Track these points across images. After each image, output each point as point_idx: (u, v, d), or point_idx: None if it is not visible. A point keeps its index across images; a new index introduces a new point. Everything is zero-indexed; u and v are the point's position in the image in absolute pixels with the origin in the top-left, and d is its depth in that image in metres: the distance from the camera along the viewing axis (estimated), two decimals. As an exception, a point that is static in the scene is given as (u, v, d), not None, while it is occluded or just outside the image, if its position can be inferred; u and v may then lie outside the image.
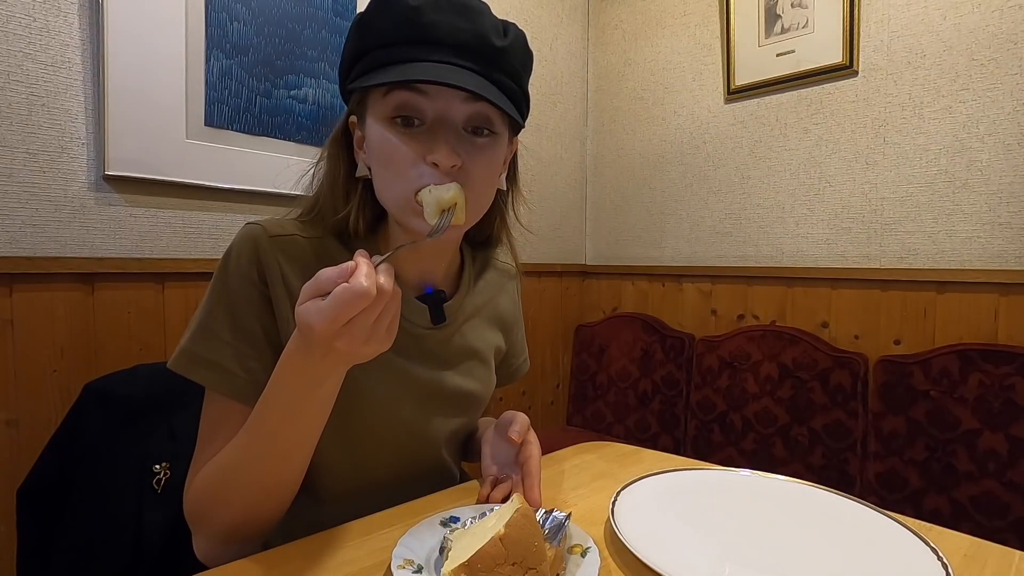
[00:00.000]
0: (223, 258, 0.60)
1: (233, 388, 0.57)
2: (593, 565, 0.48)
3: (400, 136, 0.56)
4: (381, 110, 0.57)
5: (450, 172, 0.55)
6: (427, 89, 0.55)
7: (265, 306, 0.59)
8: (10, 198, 1.05)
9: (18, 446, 1.06)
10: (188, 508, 0.58)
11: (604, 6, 2.24)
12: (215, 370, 0.56)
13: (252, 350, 0.58)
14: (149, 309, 1.20)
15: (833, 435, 1.54)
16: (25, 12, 1.05)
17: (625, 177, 2.18)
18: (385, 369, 0.63)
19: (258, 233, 0.60)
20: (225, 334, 0.57)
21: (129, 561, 0.70)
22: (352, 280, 0.43)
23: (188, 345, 0.57)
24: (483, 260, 0.78)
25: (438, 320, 0.67)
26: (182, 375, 0.57)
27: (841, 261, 1.64)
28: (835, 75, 1.64)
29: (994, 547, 0.54)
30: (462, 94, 0.55)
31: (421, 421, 0.68)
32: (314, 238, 0.63)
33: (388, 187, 0.58)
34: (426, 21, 0.54)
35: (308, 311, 0.44)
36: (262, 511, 0.56)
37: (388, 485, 0.67)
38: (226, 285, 0.58)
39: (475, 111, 0.57)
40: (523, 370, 0.87)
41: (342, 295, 0.43)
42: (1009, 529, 1.28)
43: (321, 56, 1.41)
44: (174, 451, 0.72)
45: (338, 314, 0.43)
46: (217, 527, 0.57)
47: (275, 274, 0.59)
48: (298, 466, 0.56)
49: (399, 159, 0.56)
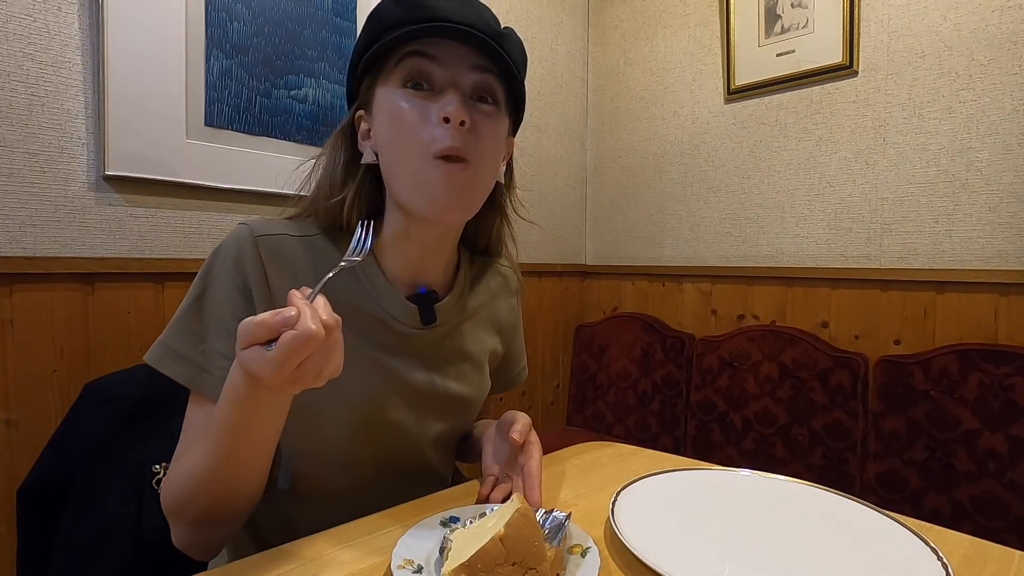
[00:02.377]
0: (209, 256, 0.61)
1: (202, 384, 0.58)
2: (593, 565, 0.48)
3: (410, 99, 0.58)
4: (393, 80, 0.59)
5: (459, 130, 0.56)
6: (438, 55, 0.57)
7: (245, 304, 0.59)
8: (10, 198, 1.05)
9: (18, 446, 1.06)
10: (164, 504, 0.60)
11: (604, 6, 2.24)
12: (185, 365, 0.58)
13: (225, 348, 0.58)
14: (149, 309, 1.20)
15: (833, 435, 1.54)
16: (25, 12, 1.05)
17: (625, 177, 2.18)
18: (369, 367, 0.64)
19: (245, 233, 0.61)
20: (199, 330, 0.58)
21: (129, 561, 0.70)
22: (299, 326, 0.42)
23: (163, 338, 0.59)
24: (482, 264, 0.78)
25: (428, 320, 0.67)
26: (155, 367, 0.58)
27: (841, 261, 1.64)
28: (835, 75, 1.64)
29: (994, 547, 0.54)
30: (470, 62, 0.58)
31: (407, 422, 0.68)
32: (304, 236, 0.64)
33: (399, 153, 0.59)
34: (436, 5, 0.57)
35: (253, 360, 0.43)
36: (227, 507, 0.57)
37: (372, 483, 0.67)
38: (206, 282, 0.60)
39: (481, 80, 0.59)
40: (521, 378, 0.87)
41: (291, 343, 0.42)
42: (1009, 529, 1.28)
43: (321, 56, 1.41)
44: (174, 451, 0.72)
45: (287, 361, 0.43)
46: (189, 519, 0.58)
47: (257, 273, 0.60)
48: (258, 470, 0.57)
49: (409, 122, 0.57)
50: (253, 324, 0.43)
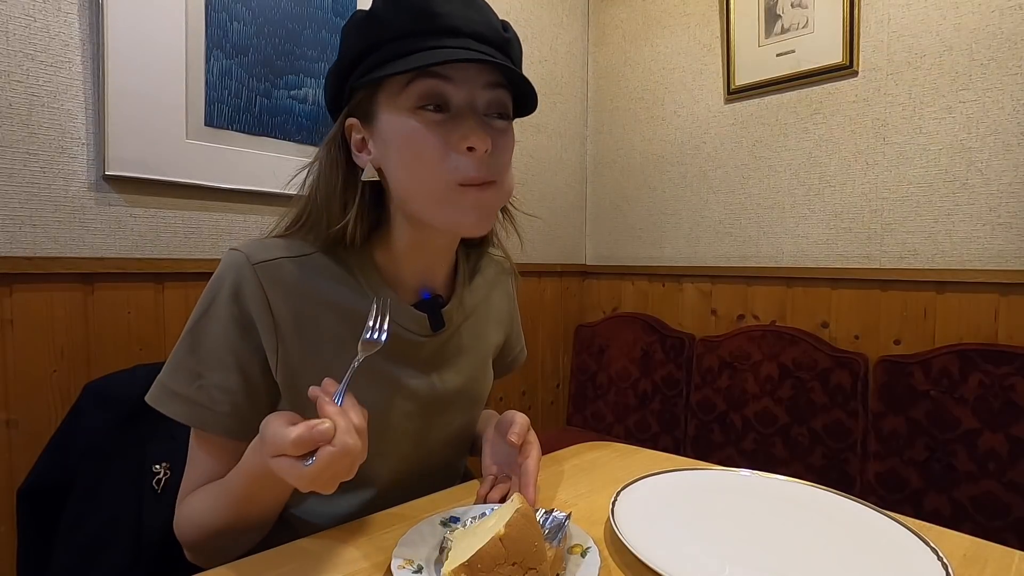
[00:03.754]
0: (206, 288, 0.59)
1: (201, 421, 0.58)
2: (593, 565, 0.48)
3: (428, 124, 0.55)
4: (404, 101, 0.55)
5: (483, 157, 0.55)
6: (452, 76, 0.55)
7: (243, 336, 0.58)
8: (10, 198, 1.05)
9: (18, 446, 1.06)
10: (178, 532, 0.61)
11: (604, 6, 2.24)
12: (184, 403, 0.57)
13: (222, 382, 0.57)
14: (149, 309, 1.20)
15: (833, 435, 1.54)
16: (25, 12, 1.05)
17: (625, 177, 2.18)
18: (379, 381, 0.63)
19: (241, 261, 0.58)
20: (194, 367, 0.57)
21: (129, 561, 0.70)
22: (337, 440, 0.43)
23: (161, 377, 0.59)
24: (477, 257, 0.78)
25: (437, 327, 0.67)
26: (156, 407, 0.58)
27: (841, 261, 1.64)
28: (835, 75, 1.63)
29: (994, 547, 0.54)
30: (483, 80, 0.56)
31: (424, 428, 0.68)
32: (302, 256, 0.61)
33: (419, 182, 0.57)
34: (440, 11, 0.54)
35: (286, 472, 0.44)
36: (242, 542, 0.60)
37: (388, 493, 0.67)
38: (203, 317, 0.58)
39: (495, 97, 0.58)
40: (520, 360, 0.88)
41: (330, 459, 0.43)
42: (1009, 529, 1.28)
43: (321, 56, 1.41)
44: (174, 451, 0.72)
45: (323, 474, 0.43)
46: (205, 554, 0.61)
47: (260, 303, 0.58)
48: (271, 519, 0.60)
49: (430, 149, 0.55)
50: (288, 441, 0.43)
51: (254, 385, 0.59)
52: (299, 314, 0.59)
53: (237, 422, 0.58)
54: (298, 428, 0.43)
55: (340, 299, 0.62)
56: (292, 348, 0.59)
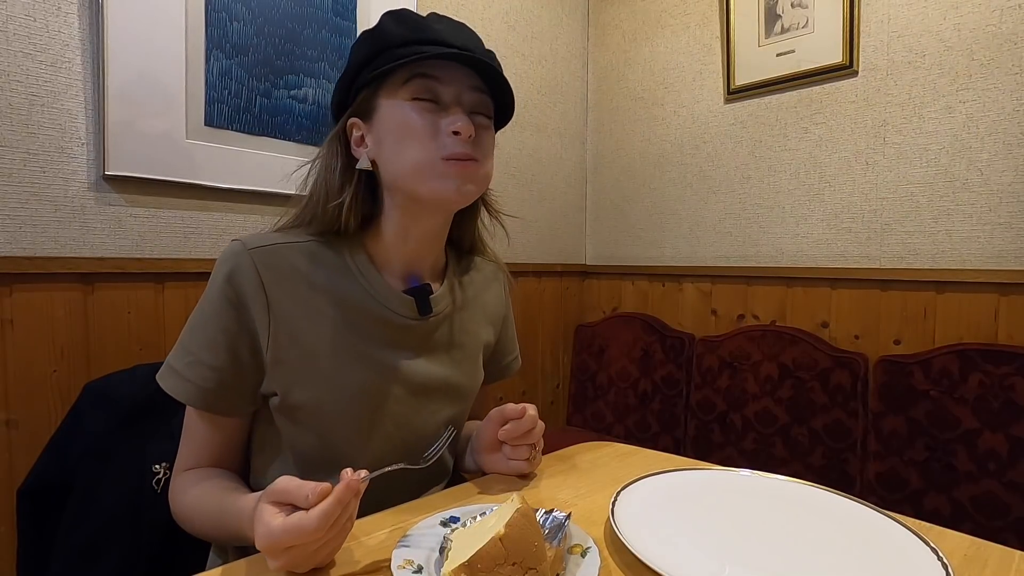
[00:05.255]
0: (210, 276, 0.65)
1: (186, 394, 0.62)
2: (593, 565, 0.48)
3: (421, 111, 0.63)
4: (401, 94, 0.64)
5: (467, 141, 0.63)
6: (443, 76, 0.64)
7: (235, 317, 0.62)
8: (10, 198, 1.04)
9: (18, 446, 1.06)
10: (174, 514, 0.65)
11: (604, 6, 2.24)
12: (176, 378, 0.63)
13: (209, 360, 0.62)
14: (148, 309, 1.20)
15: (833, 435, 1.54)
16: (25, 12, 1.05)
17: (625, 177, 2.18)
18: (369, 363, 0.66)
19: (237, 248, 0.63)
20: (189, 345, 0.63)
21: (129, 561, 0.70)
22: (307, 517, 0.45)
23: (168, 358, 0.64)
24: (467, 261, 0.82)
25: (424, 311, 0.70)
26: (159, 383, 0.63)
27: (841, 261, 1.64)
28: (835, 75, 1.63)
29: (994, 547, 0.54)
30: (469, 83, 0.65)
31: (409, 413, 0.70)
32: (297, 243, 0.67)
33: (410, 157, 0.63)
34: (435, 27, 0.64)
35: (258, 520, 0.47)
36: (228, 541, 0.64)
37: (378, 478, 0.67)
38: (204, 300, 0.64)
39: (479, 99, 0.66)
40: (514, 367, 0.90)
41: (293, 528, 0.45)
42: (1009, 529, 1.28)
43: (321, 56, 1.41)
44: (174, 451, 0.72)
45: (279, 543, 0.46)
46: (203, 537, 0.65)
47: (253, 283, 0.62)
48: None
49: (422, 128, 0.63)
50: (277, 492, 0.47)
51: (242, 364, 0.63)
52: (293, 294, 0.64)
53: (222, 399, 0.63)
54: (293, 487, 0.47)
55: (333, 283, 0.66)
56: (284, 326, 0.63)
